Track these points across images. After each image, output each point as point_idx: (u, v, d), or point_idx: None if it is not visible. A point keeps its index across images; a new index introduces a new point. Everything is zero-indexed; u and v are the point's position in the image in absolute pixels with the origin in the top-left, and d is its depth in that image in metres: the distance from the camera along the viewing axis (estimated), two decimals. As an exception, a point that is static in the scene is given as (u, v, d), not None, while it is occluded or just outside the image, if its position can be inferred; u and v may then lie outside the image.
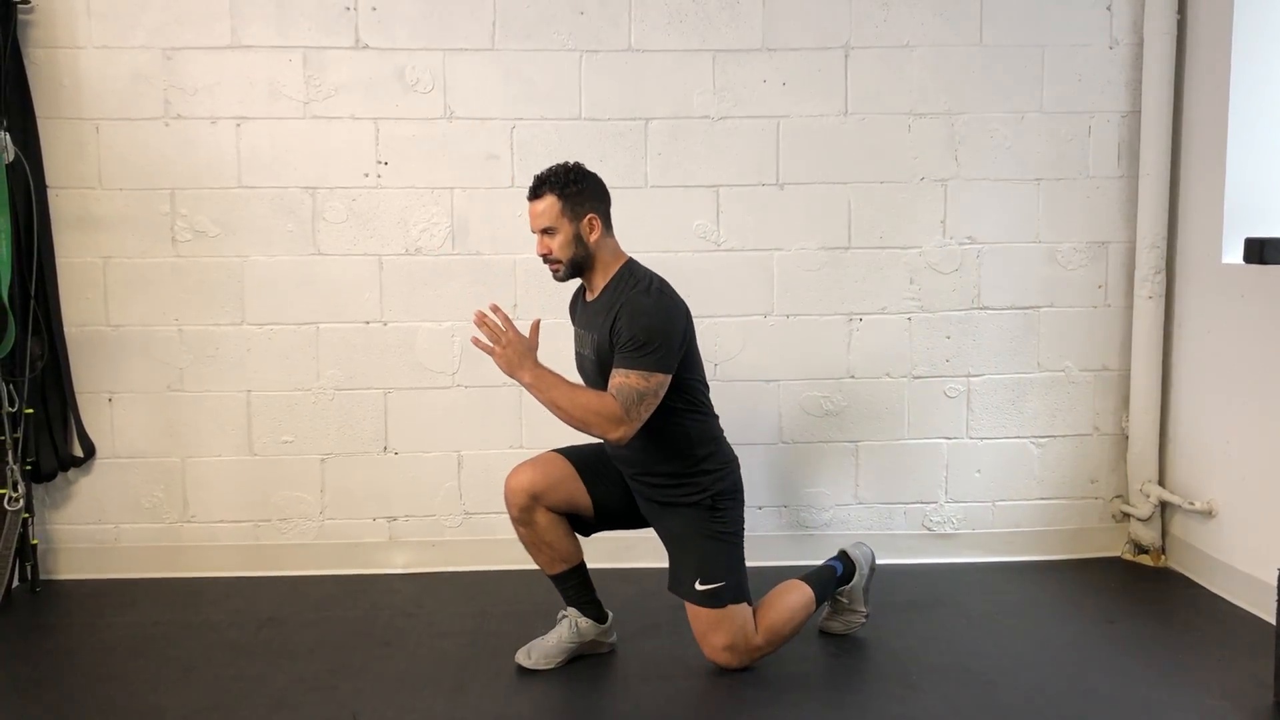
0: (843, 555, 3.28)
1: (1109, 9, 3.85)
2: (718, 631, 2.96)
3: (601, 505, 3.09)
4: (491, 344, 2.86)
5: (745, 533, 3.09)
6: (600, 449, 3.13)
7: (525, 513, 3.03)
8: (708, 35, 3.79)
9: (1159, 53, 3.78)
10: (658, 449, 2.97)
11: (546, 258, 2.97)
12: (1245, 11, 3.53)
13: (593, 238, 2.94)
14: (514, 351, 2.84)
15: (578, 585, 3.11)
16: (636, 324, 2.83)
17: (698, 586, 2.95)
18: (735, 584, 2.97)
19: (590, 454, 3.13)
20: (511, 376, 2.86)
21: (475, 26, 3.76)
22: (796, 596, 3.09)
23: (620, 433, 2.80)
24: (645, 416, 2.83)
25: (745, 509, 3.11)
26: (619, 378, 2.82)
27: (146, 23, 3.70)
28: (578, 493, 3.06)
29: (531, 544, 3.08)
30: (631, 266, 3.00)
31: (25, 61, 3.65)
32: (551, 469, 3.06)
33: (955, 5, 3.82)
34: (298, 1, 3.72)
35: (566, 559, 3.09)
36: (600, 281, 2.99)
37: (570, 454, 3.11)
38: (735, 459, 3.11)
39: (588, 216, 2.92)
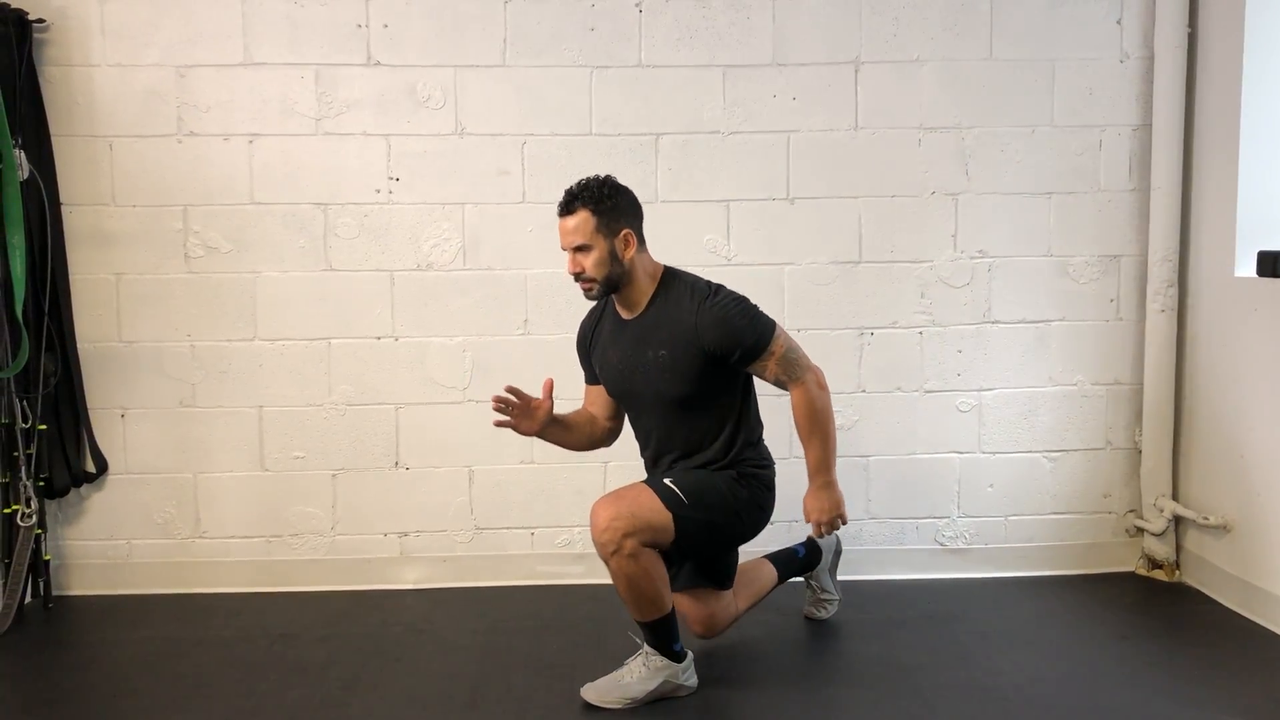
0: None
1: (1119, 23, 3.85)
2: (626, 503, 2.82)
3: None
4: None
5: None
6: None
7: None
8: (717, 51, 3.80)
9: (1170, 66, 3.77)
10: (707, 439, 2.98)
11: (579, 276, 2.92)
12: (1256, 24, 3.52)
13: (628, 254, 2.91)
14: (834, 516, 2.98)
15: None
16: (735, 323, 2.89)
17: (665, 480, 2.90)
18: (693, 506, 2.86)
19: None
20: (837, 514, 3.00)
21: (486, 43, 3.78)
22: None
23: (820, 377, 2.97)
24: (804, 353, 2.98)
25: (764, 523, 3.09)
26: (768, 363, 2.92)
27: (160, 41, 3.73)
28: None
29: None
30: (676, 275, 3.00)
31: (40, 79, 3.67)
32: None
33: (965, 19, 3.82)
34: (310, 19, 3.74)
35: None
36: (640, 298, 2.96)
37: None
38: (773, 463, 3.11)
39: (623, 232, 2.89)
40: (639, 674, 2.92)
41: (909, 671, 3.13)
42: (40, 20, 3.64)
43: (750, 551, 3.26)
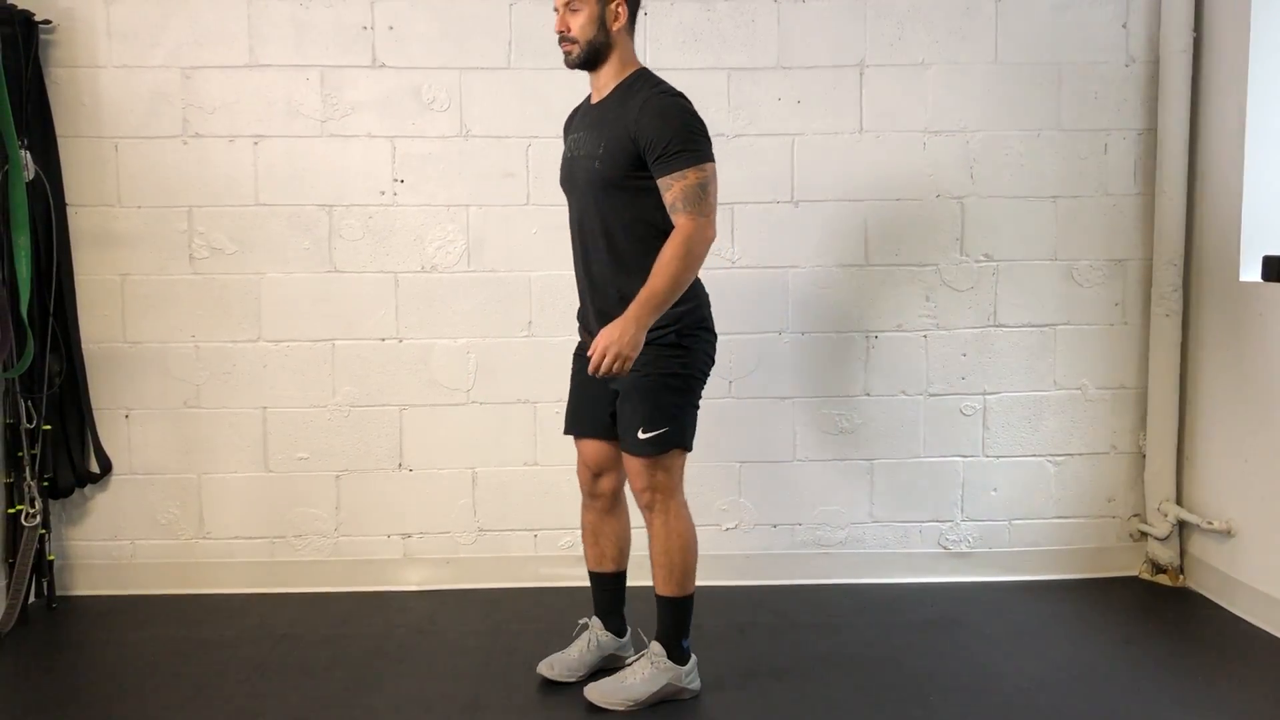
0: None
1: (1125, 27, 3.85)
2: (644, 474, 2.86)
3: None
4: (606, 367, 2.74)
5: (698, 427, 2.96)
6: (576, 389, 3.07)
7: (593, 483, 3.08)
8: (722, 54, 3.80)
9: (1176, 70, 3.77)
10: (636, 267, 2.81)
11: (564, 35, 2.86)
12: (1262, 29, 3.52)
13: (616, 25, 2.84)
14: (618, 354, 2.71)
15: (613, 592, 3.12)
16: (670, 122, 2.73)
17: (640, 435, 2.83)
18: (679, 429, 2.86)
19: (576, 404, 3.08)
20: (626, 354, 2.70)
21: (491, 45, 3.78)
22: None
23: (710, 231, 2.74)
24: (716, 204, 2.76)
25: (716, 364, 2.97)
26: (675, 184, 2.72)
27: (166, 42, 3.73)
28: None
29: (591, 529, 3.13)
30: (648, 71, 2.91)
31: (46, 81, 3.68)
32: (584, 448, 3.08)
33: (970, 23, 3.82)
34: (315, 21, 3.75)
35: (615, 560, 3.11)
36: (611, 80, 2.89)
37: (574, 423, 3.09)
38: (706, 295, 2.95)
39: (616, 1, 2.83)
40: (643, 675, 2.92)
41: (912, 675, 3.12)
42: (47, 21, 3.65)
43: (766, 554, 3.24)
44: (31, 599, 3.66)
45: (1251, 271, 3.55)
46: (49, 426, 3.67)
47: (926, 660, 3.23)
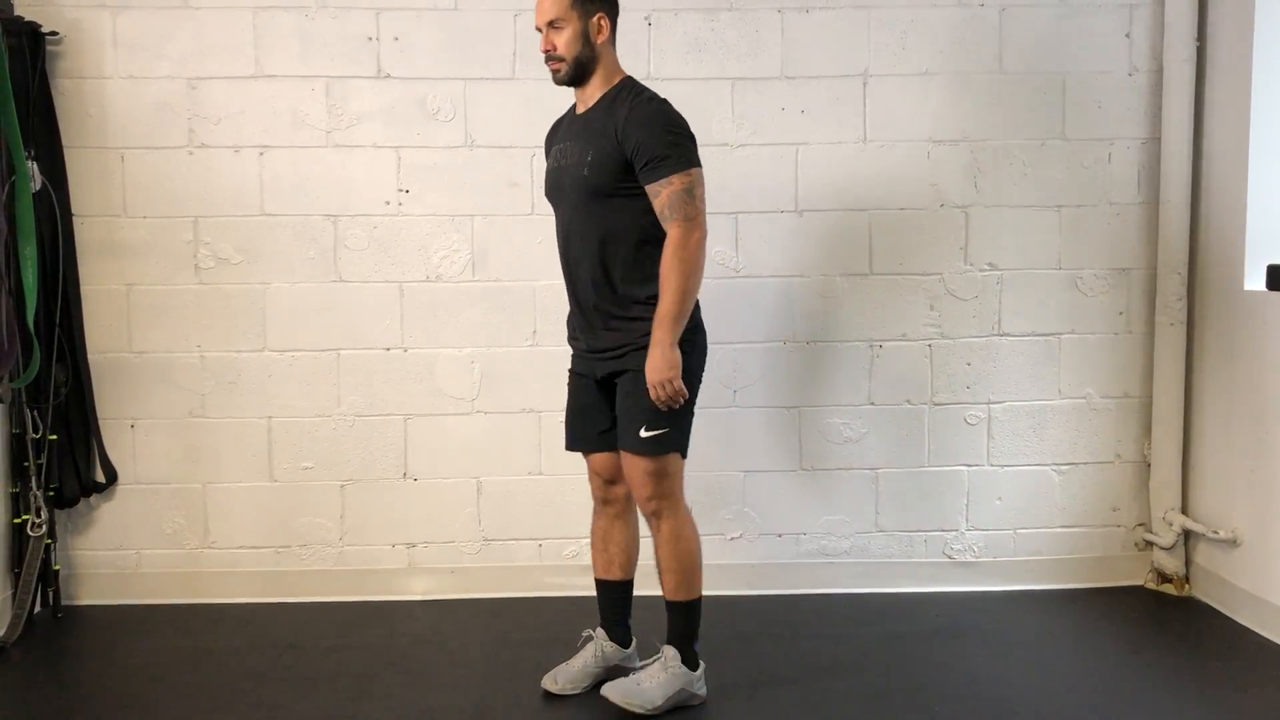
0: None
1: (1128, 36, 3.85)
2: (649, 483, 2.88)
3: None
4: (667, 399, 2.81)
5: (693, 422, 2.97)
6: (572, 404, 3.09)
7: (606, 489, 3.09)
8: (726, 63, 3.81)
9: (1179, 79, 3.77)
10: (623, 274, 2.86)
11: (549, 55, 2.88)
12: (1265, 38, 3.53)
13: (599, 39, 2.88)
14: (664, 382, 2.79)
15: (619, 601, 3.12)
16: (655, 129, 2.78)
17: (642, 434, 2.85)
18: (678, 432, 2.89)
19: (574, 419, 3.10)
20: (672, 374, 2.78)
21: (496, 56, 3.79)
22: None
23: (697, 234, 2.79)
24: (704, 208, 2.82)
25: (706, 351, 2.99)
26: (663, 190, 2.78)
27: (171, 53, 3.75)
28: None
29: (601, 535, 3.13)
30: (633, 80, 2.94)
31: (53, 91, 3.69)
32: (594, 461, 3.10)
33: (974, 33, 3.83)
34: (321, 32, 3.76)
35: (624, 568, 3.11)
36: (596, 91, 2.91)
37: (576, 438, 3.11)
38: (696, 301, 2.92)
39: (598, 15, 2.86)
40: (659, 680, 2.93)
41: (916, 685, 3.12)
42: (54, 33, 3.67)
43: (774, 562, 3.23)
44: (37, 608, 3.67)
45: (1256, 280, 3.55)
46: (55, 436, 3.67)
47: (931, 670, 3.23)
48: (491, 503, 3.91)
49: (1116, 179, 3.89)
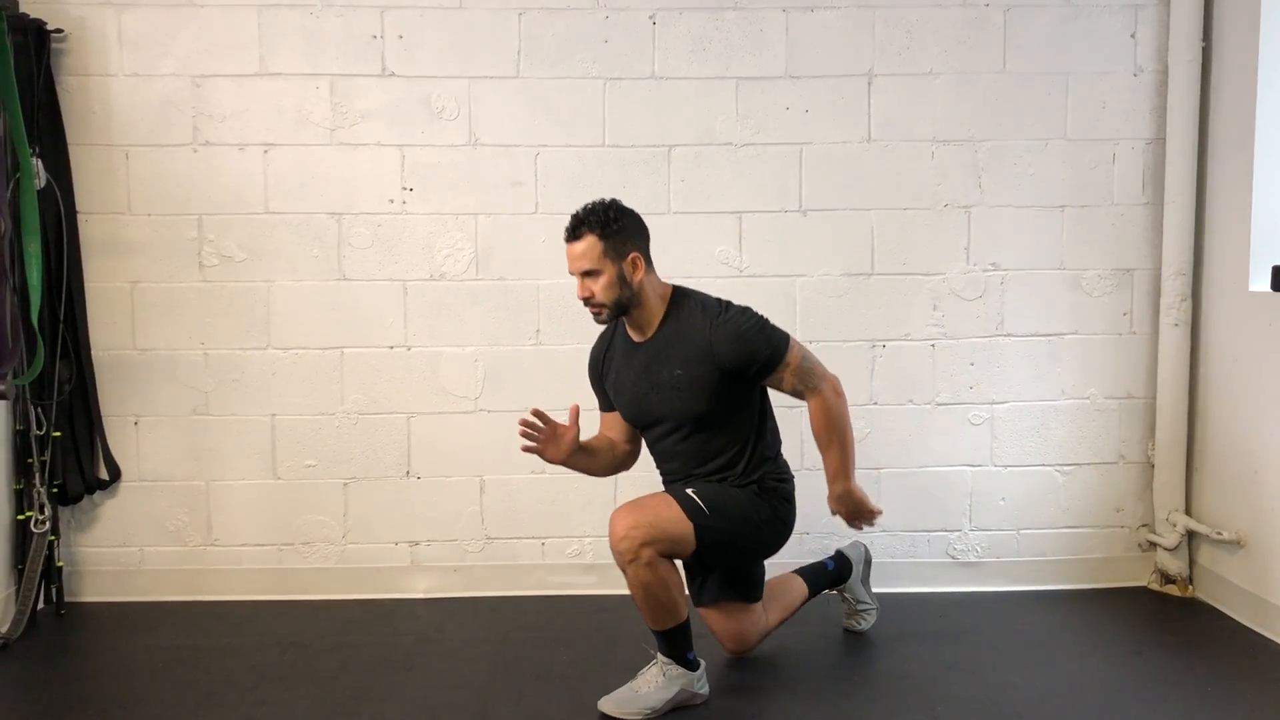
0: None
1: (1133, 36, 3.85)
2: (646, 512, 2.85)
3: None
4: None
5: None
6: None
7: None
8: (731, 62, 3.81)
9: (1184, 80, 3.77)
10: (726, 456, 3.00)
11: (589, 301, 2.93)
12: (1271, 38, 3.51)
13: (636, 277, 2.91)
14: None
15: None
16: (751, 340, 2.91)
17: (688, 491, 2.93)
18: (714, 516, 2.89)
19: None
20: (860, 505, 3.08)
21: (500, 54, 3.79)
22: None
23: (837, 384, 3.00)
24: (818, 361, 3.01)
25: (787, 536, 3.13)
26: (785, 374, 2.94)
27: (176, 51, 3.75)
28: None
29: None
30: (685, 294, 3.02)
31: (58, 89, 3.70)
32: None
33: (978, 33, 3.83)
34: (325, 30, 3.77)
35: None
36: (650, 319, 2.98)
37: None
38: (792, 477, 3.15)
39: (630, 256, 2.90)
40: (656, 683, 2.92)
41: (919, 685, 3.12)
42: (59, 30, 3.67)
43: (780, 564, 3.27)
44: (40, 605, 3.67)
45: (1260, 281, 3.55)
46: (59, 433, 3.68)
47: (933, 670, 3.22)
48: (494, 501, 3.91)
49: (1121, 179, 3.89)
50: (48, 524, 3.62)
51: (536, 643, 3.43)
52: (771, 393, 3.09)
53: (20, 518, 3.63)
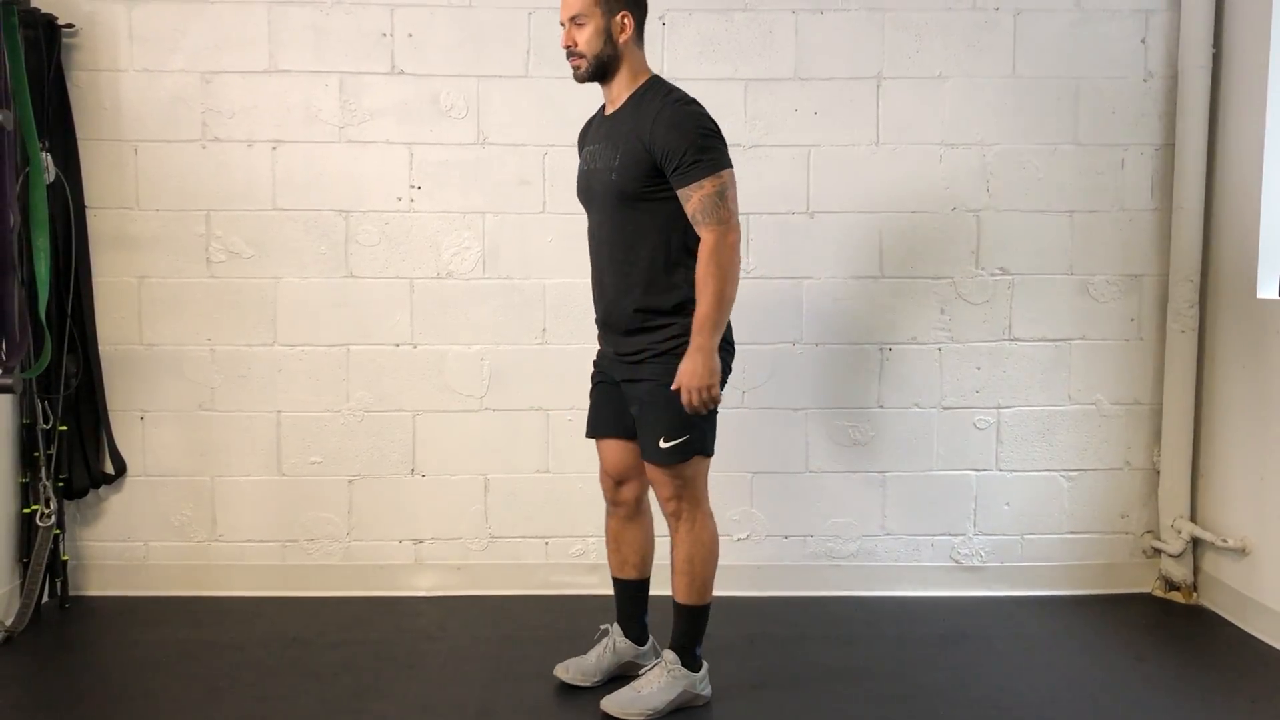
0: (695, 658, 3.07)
1: (1144, 42, 3.84)
2: (670, 485, 2.88)
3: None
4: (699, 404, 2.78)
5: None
6: (595, 394, 3.08)
7: (615, 491, 3.07)
8: (739, 64, 3.81)
9: (1194, 86, 3.76)
10: (649, 280, 2.84)
11: (570, 50, 2.87)
12: (1282, 45, 3.52)
13: (623, 38, 2.86)
14: (699, 388, 2.76)
15: (634, 599, 3.11)
16: (685, 132, 2.74)
17: (661, 445, 2.83)
18: (700, 435, 2.85)
19: (597, 407, 3.08)
20: (711, 382, 2.76)
21: (510, 54, 3.79)
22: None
23: (732, 237, 2.75)
24: (737, 209, 2.78)
25: (731, 374, 2.95)
26: (694, 194, 2.74)
27: (186, 47, 3.76)
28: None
29: (613, 536, 3.11)
30: (661, 82, 2.91)
31: (68, 83, 3.71)
32: (606, 453, 3.07)
33: (988, 37, 3.82)
34: (335, 27, 3.77)
35: (637, 567, 3.10)
36: (623, 91, 2.90)
37: (594, 425, 3.09)
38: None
39: (621, 13, 2.84)
40: (659, 684, 2.92)
41: (923, 690, 3.11)
42: (69, 25, 3.68)
43: (780, 566, 3.23)
44: (45, 599, 3.68)
45: (1269, 288, 3.54)
46: (65, 427, 3.69)
47: (937, 674, 3.22)
48: (499, 500, 3.91)
49: (1130, 185, 3.88)
50: (53, 518, 3.62)
51: (539, 642, 3.43)
52: (776, 395, 3.06)
53: (26, 511, 3.63)
